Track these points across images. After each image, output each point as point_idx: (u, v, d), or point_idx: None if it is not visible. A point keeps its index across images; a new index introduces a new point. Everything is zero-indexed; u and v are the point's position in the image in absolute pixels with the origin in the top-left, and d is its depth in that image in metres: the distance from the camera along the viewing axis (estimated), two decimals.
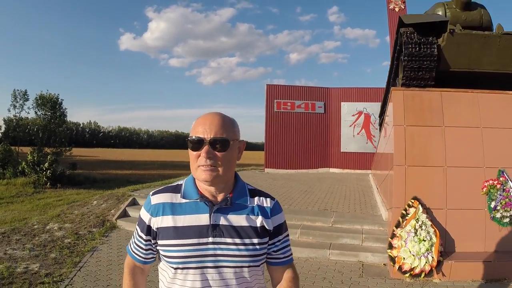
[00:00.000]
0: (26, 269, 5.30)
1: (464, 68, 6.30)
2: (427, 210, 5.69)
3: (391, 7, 15.33)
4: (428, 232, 5.29)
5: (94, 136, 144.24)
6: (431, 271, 5.18)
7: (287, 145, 17.73)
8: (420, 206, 5.60)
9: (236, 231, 1.46)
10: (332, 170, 17.49)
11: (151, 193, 1.56)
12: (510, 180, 5.76)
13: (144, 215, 1.52)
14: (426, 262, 5.12)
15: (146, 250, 1.55)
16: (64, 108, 37.06)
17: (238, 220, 1.48)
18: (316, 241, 6.65)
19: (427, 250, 5.16)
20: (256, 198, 1.55)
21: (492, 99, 6.20)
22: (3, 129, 37.55)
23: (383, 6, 15.22)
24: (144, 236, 1.52)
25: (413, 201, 5.70)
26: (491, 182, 5.75)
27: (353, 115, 17.15)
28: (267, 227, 1.51)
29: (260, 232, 1.49)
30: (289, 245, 1.65)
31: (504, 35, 6.04)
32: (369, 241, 6.39)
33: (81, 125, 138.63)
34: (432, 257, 5.14)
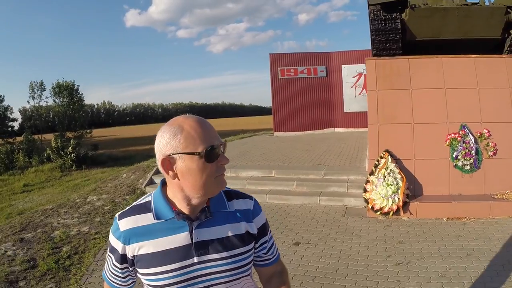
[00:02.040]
0: (79, 231, 6.60)
1: (428, 37, 7.20)
2: (397, 161, 6.79)
3: None
4: (395, 178, 6.39)
5: (109, 116, 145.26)
6: (398, 210, 6.32)
7: (293, 109, 18.65)
8: (389, 157, 6.69)
9: (222, 244, 1.32)
10: (337, 130, 18.45)
11: (117, 216, 1.36)
12: (470, 133, 6.75)
13: (115, 242, 1.33)
14: (393, 202, 6.25)
15: (124, 277, 1.41)
16: (81, 93, 38.47)
17: (222, 231, 1.34)
18: (309, 190, 7.89)
19: (393, 192, 6.28)
20: (234, 201, 1.42)
21: (455, 63, 7.08)
22: (20, 120, 39.17)
23: None
24: (119, 265, 1.36)
25: (384, 153, 6.79)
26: (453, 135, 6.77)
27: (353, 77, 17.91)
28: (251, 232, 1.40)
29: (246, 238, 1.38)
30: (274, 242, 1.57)
31: (462, 6, 6.87)
32: (353, 189, 7.52)
33: (96, 106, 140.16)
34: (398, 198, 6.27)
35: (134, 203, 1.39)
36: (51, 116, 38.66)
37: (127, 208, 1.38)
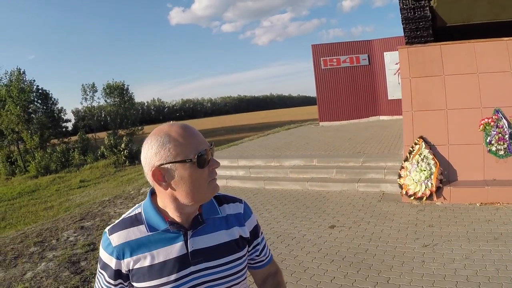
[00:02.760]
0: None
1: (459, 22, 7.22)
2: (431, 147, 6.93)
3: None
4: (429, 164, 6.57)
5: (159, 113, 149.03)
6: (431, 195, 6.50)
7: (337, 98, 18.79)
8: (423, 143, 6.86)
9: (218, 251, 1.32)
10: (382, 117, 18.40)
11: (107, 231, 1.32)
12: (504, 118, 6.77)
13: (107, 258, 1.29)
14: (426, 188, 6.45)
15: None
16: (131, 92, 40.24)
17: (216, 238, 1.33)
18: (348, 177, 8.23)
19: (426, 178, 6.47)
20: (225, 206, 1.41)
21: (487, 47, 7.07)
22: (73, 120, 41.48)
23: None
24: (113, 281, 1.30)
25: (418, 139, 6.96)
26: (486, 120, 6.81)
27: (396, 64, 17.76)
28: (244, 236, 1.40)
29: (240, 243, 1.38)
30: (266, 243, 1.57)
31: None
32: (390, 175, 7.72)
33: (146, 104, 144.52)
34: (431, 184, 6.45)
35: (123, 215, 1.35)
36: (103, 115, 40.70)
37: (116, 222, 1.34)
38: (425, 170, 6.51)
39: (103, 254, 1.30)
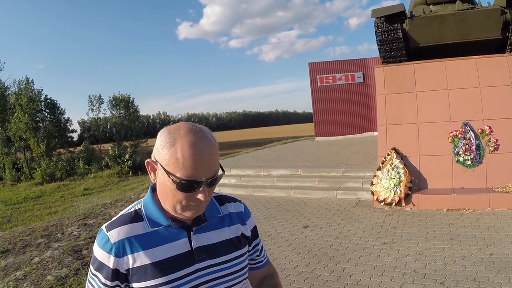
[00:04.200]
0: None
1: (431, 42, 7.86)
2: (402, 157, 7.50)
3: None
4: (398, 173, 7.13)
5: (164, 126, 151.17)
6: (400, 201, 7.04)
7: (332, 114, 19.40)
8: (395, 153, 7.44)
9: (222, 248, 1.29)
10: (375, 133, 18.80)
11: (104, 228, 1.25)
12: (471, 130, 7.34)
13: (104, 257, 1.20)
14: (395, 194, 7.01)
15: None
16: (136, 105, 41.01)
17: (220, 235, 1.31)
18: (329, 186, 8.83)
19: (395, 185, 7.03)
20: (227, 205, 1.40)
21: (457, 65, 7.70)
22: (79, 131, 42.06)
23: None
24: (109, 283, 1.20)
25: (390, 150, 7.54)
26: (454, 132, 7.40)
27: None
28: (246, 234, 1.40)
29: (242, 241, 1.37)
30: (262, 244, 1.58)
31: (457, 12, 7.50)
32: (367, 184, 8.25)
33: (151, 117, 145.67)
34: (400, 190, 7.02)
35: (121, 212, 1.29)
36: (108, 127, 41.45)
37: (114, 218, 1.28)
38: (394, 178, 7.06)
39: (99, 253, 1.21)
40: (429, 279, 4.35)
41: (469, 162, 7.27)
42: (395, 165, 7.25)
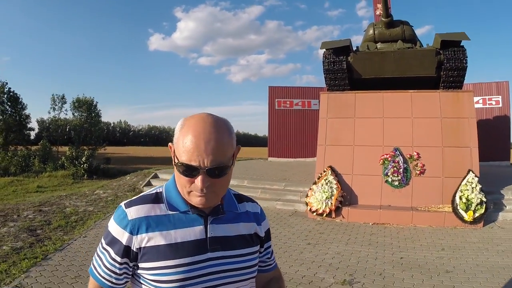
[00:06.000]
0: (85, 210, 8.41)
1: (372, 75, 8.81)
2: (337, 175, 8.28)
3: (378, 13, 17.62)
4: (331, 187, 7.91)
5: (124, 135, 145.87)
6: (330, 212, 7.79)
7: (287, 137, 20.17)
8: (330, 171, 8.22)
9: (235, 242, 1.28)
10: None
11: (123, 205, 1.26)
12: (400, 155, 8.24)
13: (119, 232, 1.21)
14: (326, 206, 7.76)
15: (120, 274, 1.24)
16: (98, 109, 40.76)
17: (235, 229, 1.30)
18: (270, 197, 9.53)
19: (327, 198, 7.79)
20: (244, 204, 1.40)
21: (394, 97, 8.66)
22: (36, 130, 40.98)
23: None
24: (119, 259, 1.21)
25: (327, 168, 8.31)
26: (385, 156, 8.26)
27: None
28: (259, 234, 1.39)
29: (254, 239, 1.35)
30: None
31: (397, 50, 8.50)
32: (304, 197, 8.97)
33: (112, 125, 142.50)
34: (331, 203, 7.78)
35: (143, 193, 1.31)
36: (67, 129, 40.83)
37: (134, 197, 1.29)
38: (326, 192, 7.83)
39: (114, 228, 1.22)
40: (340, 271, 5.09)
41: (396, 183, 8.13)
42: (329, 181, 8.02)
